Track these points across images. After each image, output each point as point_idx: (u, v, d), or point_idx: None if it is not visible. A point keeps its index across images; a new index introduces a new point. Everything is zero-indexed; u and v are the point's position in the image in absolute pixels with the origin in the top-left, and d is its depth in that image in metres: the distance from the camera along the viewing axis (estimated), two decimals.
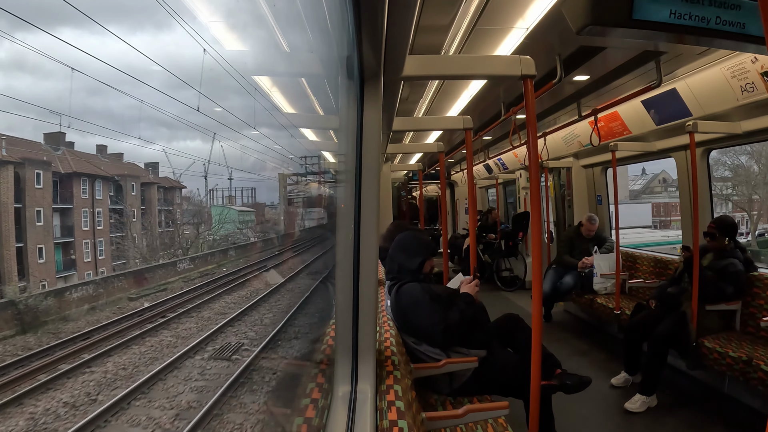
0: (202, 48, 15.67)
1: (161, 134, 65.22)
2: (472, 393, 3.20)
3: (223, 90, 34.40)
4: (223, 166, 44.17)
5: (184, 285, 20.41)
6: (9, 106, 39.58)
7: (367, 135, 2.03)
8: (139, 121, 50.71)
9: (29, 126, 52.34)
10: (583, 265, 6.47)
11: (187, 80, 27.92)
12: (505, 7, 3.24)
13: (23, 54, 38.15)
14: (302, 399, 1.85)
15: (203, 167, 38.28)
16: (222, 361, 9.92)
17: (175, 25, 48.10)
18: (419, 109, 6.21)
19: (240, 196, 46.66)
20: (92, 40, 50.64)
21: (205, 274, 23.11)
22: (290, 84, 4.67)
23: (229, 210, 41.80)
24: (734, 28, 2.01)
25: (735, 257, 4.46)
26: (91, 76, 21.26)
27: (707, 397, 4.39)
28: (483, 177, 12.04)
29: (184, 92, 68.86)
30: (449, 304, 3.25)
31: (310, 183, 37.67)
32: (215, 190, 41.18)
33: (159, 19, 46.97)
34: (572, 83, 4.85)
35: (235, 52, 3.64)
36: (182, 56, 44.09)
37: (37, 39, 50.74)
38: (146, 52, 48.72)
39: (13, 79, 38.69)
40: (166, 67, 44.78)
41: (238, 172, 44.86)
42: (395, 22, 1.57)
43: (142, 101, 31.53)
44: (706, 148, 5.10)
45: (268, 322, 13.05)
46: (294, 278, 20.03)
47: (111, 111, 52.28)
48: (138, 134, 54.54)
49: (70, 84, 29.74)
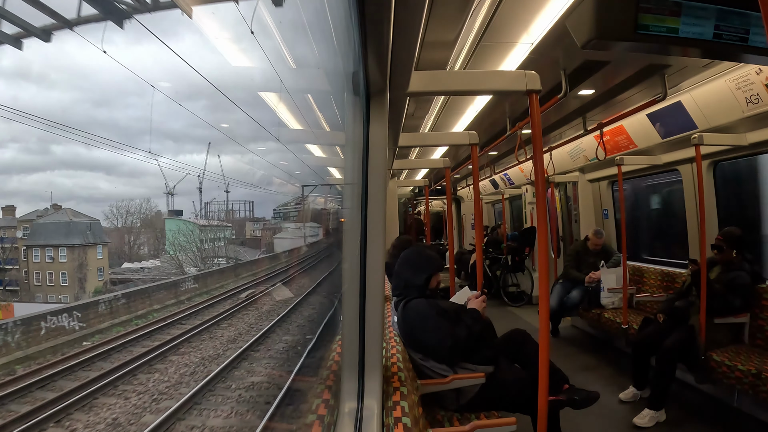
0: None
1: (167, 147, 65.99)
2: (480, 409, 3.17)
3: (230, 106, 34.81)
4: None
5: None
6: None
7: (373, 151, 2.03)
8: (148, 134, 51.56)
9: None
10: (590, 280, 6.45)
11: (193, 94, 28.39)
12: (510, 22, 3.26)
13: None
14: (309, 415, 1.84)
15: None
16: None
17: (183, 41, 48.66)
18: (425, 125, 6.23)
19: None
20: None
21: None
22: (297, 100, 4.70)
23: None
24: (738, 40, 2.02)
25: (743, 269, 4.43)
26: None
27: (716, 411, 4.34)
28: (489, 192, 12.05)
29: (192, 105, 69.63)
30: (456, 320, 3.24)
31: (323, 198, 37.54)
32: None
33: (168, 36, 47.58)
34: (577, 97, 4.86)
35: (242, 68, 3.67)
36: (189, 73, 44.69)
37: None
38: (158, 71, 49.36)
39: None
40: (173, 82, 45.25)
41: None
42: (401, 38, 1.58)
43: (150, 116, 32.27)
44: (712, 161, 5.09)
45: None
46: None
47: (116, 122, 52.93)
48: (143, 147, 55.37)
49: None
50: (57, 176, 63.10)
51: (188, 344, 13.51)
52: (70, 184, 63.42)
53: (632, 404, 4.56)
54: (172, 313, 18.10)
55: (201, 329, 14.94)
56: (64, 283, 35.31)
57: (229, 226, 48.72)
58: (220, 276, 27.42)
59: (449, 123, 6.00)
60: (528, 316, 8.45)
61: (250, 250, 44.39)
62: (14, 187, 41.35)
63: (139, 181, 67.36)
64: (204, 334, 14.63)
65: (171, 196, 48.25)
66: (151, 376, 10.62)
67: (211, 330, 15.16)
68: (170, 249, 40.61)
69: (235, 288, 24.35)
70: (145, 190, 67.47)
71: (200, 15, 3.32)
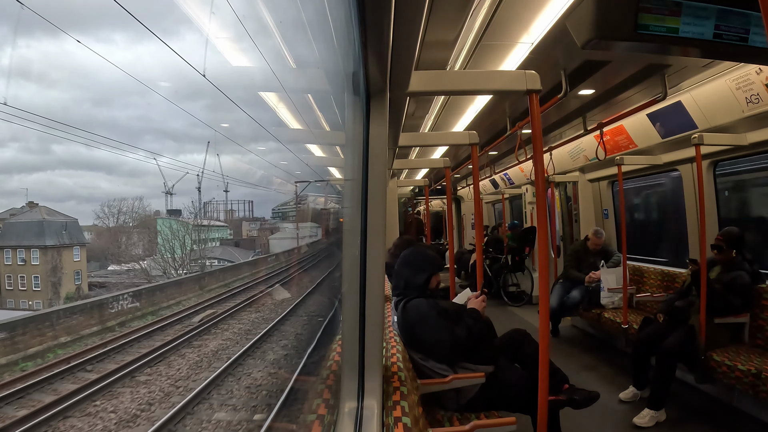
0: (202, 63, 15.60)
1: (168, 146, 65.89)
2: (480, 409, 3.17)
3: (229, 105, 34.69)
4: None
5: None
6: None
7: (373, 150, 2.03)
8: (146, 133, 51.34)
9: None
10: (590, 280, 6.45)
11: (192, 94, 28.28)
12: (510, 22, 3.26)
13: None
14: (309, 415, 1.84)
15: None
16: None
17: (182, 40, 48.63)
18: (425, 125, 6.22)
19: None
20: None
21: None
22: (297, 100, 4.70)
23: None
24: (738, 39, 2.02)
25: (743, 269, 4.44)
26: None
27: (716, 411, 4.34)
28: (489, 192, 12.05)
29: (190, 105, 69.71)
30: (456, 320, 3.24)
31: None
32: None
33: (166, 34, 47.68)
34: (577, 97, 4.85)
35: (242, 68, 3.66)
36: (189, 71, 44.64)
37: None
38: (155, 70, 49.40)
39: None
40: (173, 82, 45.33)
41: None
42: (401, 38, 1.57)
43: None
44: (712, 161, 5.09)
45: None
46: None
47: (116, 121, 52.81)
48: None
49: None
50: (56, 176, 62.74)
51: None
52: (70, 184, 63.15)
53: (632, 404, 4.56)
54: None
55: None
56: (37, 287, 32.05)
57: (226, 226, 48.11)
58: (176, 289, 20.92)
59: (449, 123, 5.99)
60: (528, 316, 8.45)
61: (244, 251, 43.22)
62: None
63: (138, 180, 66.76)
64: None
65: (170, 195, 47.85)
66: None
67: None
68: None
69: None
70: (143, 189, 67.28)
71: (198, 14, 3.32)
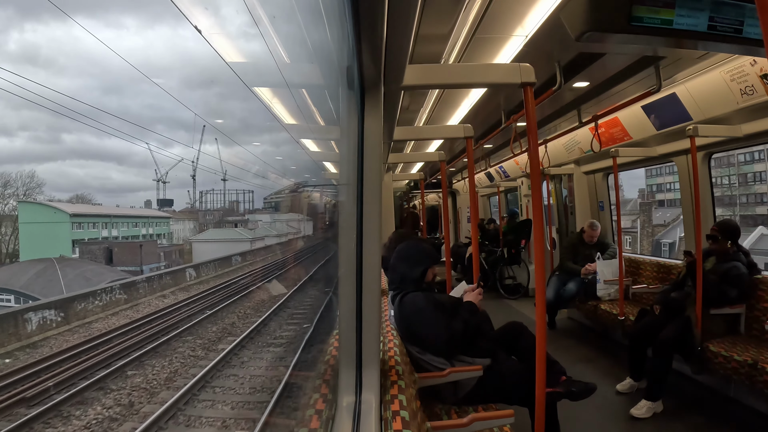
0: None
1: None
2: (477, 402, 3.19)
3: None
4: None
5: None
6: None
7: (368, 145, 2.02)
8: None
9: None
10: (586, 272, 6.48)
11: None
12: (504, 15, 3.25)
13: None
14: (307, 410, 1.84)
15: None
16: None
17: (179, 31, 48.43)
18: (420, 119, 6.21)
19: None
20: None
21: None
22: (291, 94, 4.68)
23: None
24: (733, 31, 2.02)
25: (738, 260, 4.45)
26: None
27: (713, 402, 4.38)
28: (485, 185, 12.05)
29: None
30: (453, 313, 3.24)
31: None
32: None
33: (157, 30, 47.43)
34: (572, 90, 4.85)
35: (235, 63, 3.64)
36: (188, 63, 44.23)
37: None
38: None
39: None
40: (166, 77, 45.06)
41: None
42: (395, 32, 1.57)
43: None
44: (707, 152, 5.10)
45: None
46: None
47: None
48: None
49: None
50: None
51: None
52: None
53: (629, 395, 4.59)
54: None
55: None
56: None
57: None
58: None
59: (444, 116, 5.99)
60: (524, 309, 8.48)
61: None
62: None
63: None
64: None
65: (162, 184, 46.86)
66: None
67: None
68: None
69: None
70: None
71: (192, 7, 3.30)
